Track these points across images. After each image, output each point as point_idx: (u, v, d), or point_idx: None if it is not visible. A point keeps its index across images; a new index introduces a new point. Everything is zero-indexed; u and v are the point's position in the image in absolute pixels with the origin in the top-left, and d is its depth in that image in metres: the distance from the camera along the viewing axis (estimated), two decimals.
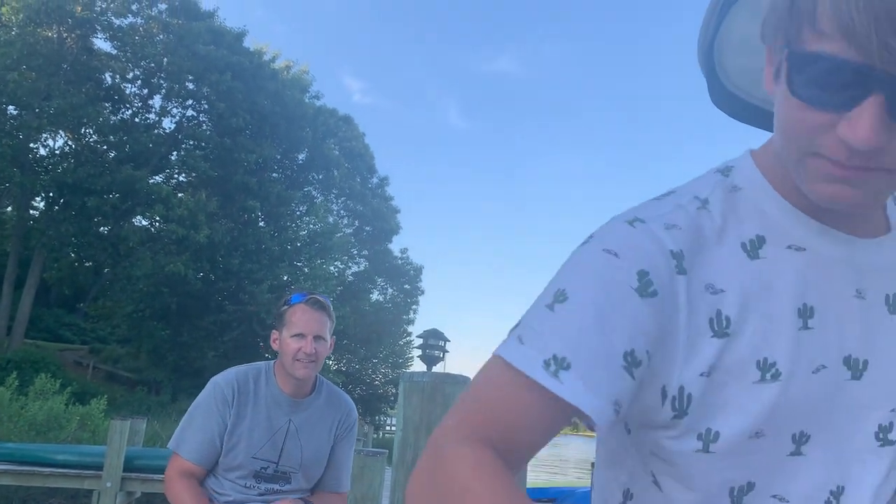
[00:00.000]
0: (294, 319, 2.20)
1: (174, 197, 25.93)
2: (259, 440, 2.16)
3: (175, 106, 28.91)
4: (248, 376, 2.20)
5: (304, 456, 2.23)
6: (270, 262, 26.30)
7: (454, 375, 3.59)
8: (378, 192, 35.69)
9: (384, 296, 37.84)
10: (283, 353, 2.19)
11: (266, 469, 2.17)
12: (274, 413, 2.20)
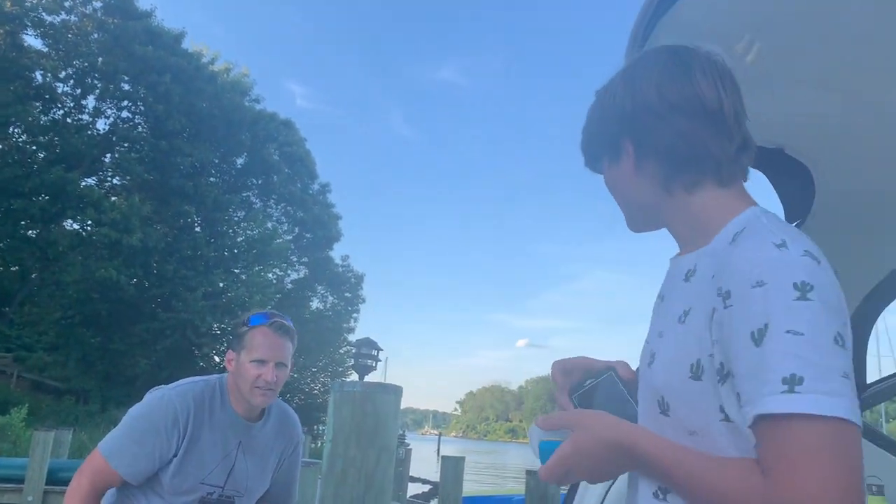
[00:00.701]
0: (255, 343, 2.09)
1: (107, 200, 25.23)
2: (210, 464, 2.07)
3: (109, 107, 28.18)
4: (205, 397, 2.08)
5: (249, 480, 2.18)
6: (206, 269, 25.81)
7: (386, 385, 3.55)
8: (319, 198, 35.40)
9: (324, 304, 37.54)
10: (241, 378, 2.08)
11: (212, 494, 2.10)
12: (226, 435, 2.11)
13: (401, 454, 18.80)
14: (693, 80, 1.06)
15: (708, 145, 1.05)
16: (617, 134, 1.09)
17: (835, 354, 0.83)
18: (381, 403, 3.58)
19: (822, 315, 0.84)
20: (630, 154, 1.08)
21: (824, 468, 0.79)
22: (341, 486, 3.51)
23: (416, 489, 24.13)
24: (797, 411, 0.80)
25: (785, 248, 0.90)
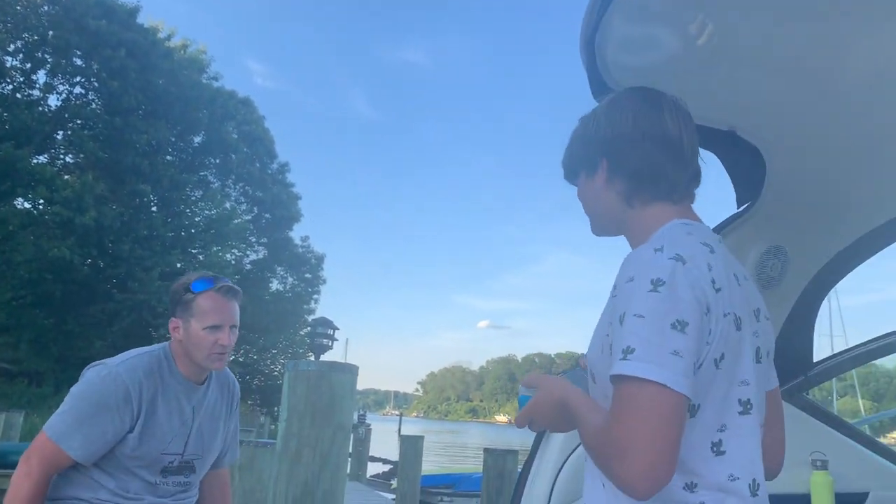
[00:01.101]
0: (205, 309, 2.07)
1: (59, 178, 24.59)
2: (169, 434, 2.06)
3: (61, 82, 27.35)
4: (153, 368, 2.06)
5: (205, 442, 2.18)
6: (163, 249, 25.38)
7: (341, 364, 3.58)
8: (278, 178, 34.94)
9: (284, 285, 37.22)
10: (195, 346, 2.07)
11: (172, 462, 2.09)
12: (180, 403, 2.10)
13: (361, 434, 18.87)
14: (661, 117, 1.31)
15: (667, 170, 1.29)
16: (595, 154, 1.35)
17: (668, 336, 1.05)
18: (336, 383, 3.61)
19: (664, 305, 1.06)
20: (604, 171, 1.34)
21: (635, 420, 1.02)
22: (296, 464, 3.54)
23: (377, 469, 24.25)
24: (625, 373, 1.04)
25: (659, 252, 1.12)
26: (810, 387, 3.01)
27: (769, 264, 2.60)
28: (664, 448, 1.01)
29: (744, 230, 2.52)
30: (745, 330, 1.17)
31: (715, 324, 1.10)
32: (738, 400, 1.15)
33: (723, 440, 1.14)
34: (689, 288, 1.08)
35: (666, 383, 1.02)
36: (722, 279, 1.14)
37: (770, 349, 1.37)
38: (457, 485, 17.25)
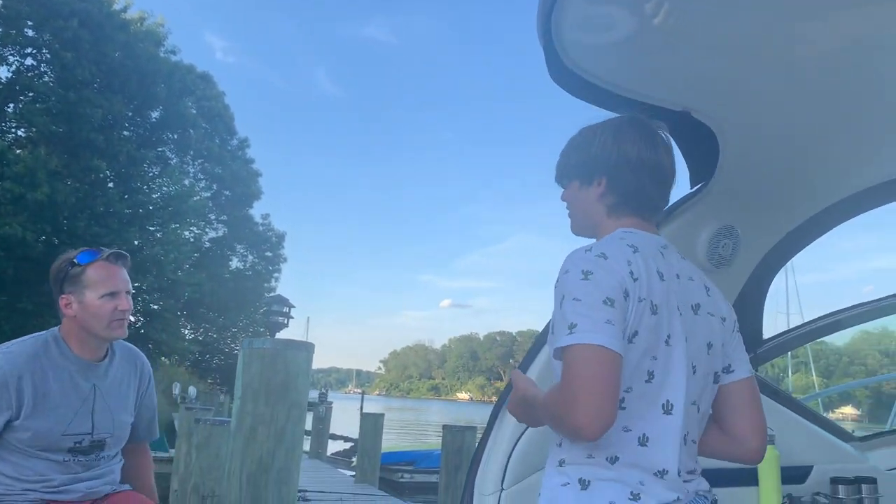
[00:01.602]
0: (99, 279, 2.08)
1: (10, 153, 23.86)
2: (67, 415, 2.04)
3: (11, 54, 26.43)
4: (38, 352, 2.05)
5: (115, 419, 2.17)
6: (120, 227, 24.85)
7: (296, 342, 3.57)
8: (238, 154, 34.42)
9: (244, 263, 36.83)
10: (93, 317, 2.07)
11: (81, 442, 2.07)
12: (76, 382, 2.08)
13: (322, 412, 18.84)
14: (658, 151, 1.58)
15: (653, 194, 1.60)
16: (597, 171, 1.59)
17: (601, 310, 1.33)
18: (291, 360, 3.59)
19: (595, 288, 1.35)
20: (602, 187, 1.59)
21: (581, 376, 1.28)
22: (251, 442, 3.53)
23: (338, 447, 24.29)
24: (570, 343, 1.31)
25: (588, 251, 1.43)
26: (760, 363, 3.09)
27: (721, 244, 2.64)
28: (607, 395, 1.27)
29: (697, 210, 2.55)
30: (663, 315, 1.42)
31: (631, 305, 1.38)
32: (646, 370, 1.41)
33: (626, 398, 1.40)
34: (610, 275, 1.38)
35: (603, 344, 1.29)
36: (640, 272, 1.41)
37: (722, 341, 1.58)
38: (417, 462, 17.37)
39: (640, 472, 1.39)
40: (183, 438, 7.46)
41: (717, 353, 1.55)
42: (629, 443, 1.40)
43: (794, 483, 2.85)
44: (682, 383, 1.43)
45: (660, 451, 1.40)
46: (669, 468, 1.40)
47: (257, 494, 3.29)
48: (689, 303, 1.51)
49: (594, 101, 2.12)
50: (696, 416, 1.50)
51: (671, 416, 1.41)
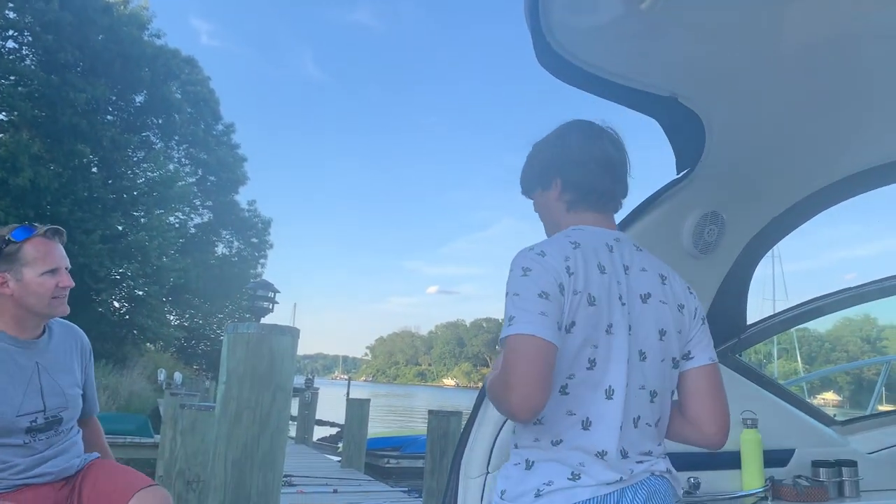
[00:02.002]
0: (37, 256, 2.02)
1: None
2: (15, 397, 2.00)
3: None
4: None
5: (66, 393, 2.13)
6: (104, 212, 24.65)
7: (282, 327, 3.55)
8: (223, 139, 34.16)
9: (230, 249, 36.69)
10: (33, 295, 2.01)
11: (35, 421, 2.03)
12: (18, 363, 2.04)
13: (308, 398, 18.84)
14: (604, 144, 1.69)
15: (605, 187, 1.69)
16: (551, 174, 1.72)
17: (536, 303, 1.44)
18: (276, 345, 3.58)
19: (531, 283, 1.47)
20: (557, 186, 1.71)
21: (516, 363, 1.40)
22: (236, 426, 3.52)
23: (324, 432, 24.32)
24: (507, 334, 1.44)
25: (531, 250, 1.55)
26: (743, 348, 3.11)
27: (706, 230, 2.65)
28: (538, 381, 1.38)
29: (683, 196, 2.56)
30: (602, 306, 1.51)
31: (567, 298, 1.48)
32: (587, 358, 1.50)
33: (569, 385, 1.50)
34: (546, 271, 1.49)
35: (536, 334, 1.41)
36: (577, 267, 1.51)
37: (678, 328, 1.63)
38: (403, 447, 17.42)
39: (582, 454, 1.48)
40: (168, 424, 7.42)
41: (672, 340, 1.61)
42: (573, 426, 1.50)
43: (776, 466, 2.88)
44: (622, 370, 1.51)
45: (601, 434, 1.49)
46: (609, 449, 1.48)
47: (242, 479, 3.29)
48: (638, 293, 1.59)
49: (581, 85, 2.11)
50: (649, 399, 1.57)
51: (612, 401, 1.50)
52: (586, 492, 1.45)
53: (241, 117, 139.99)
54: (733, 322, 3.04)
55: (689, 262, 2.72)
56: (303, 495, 9.17)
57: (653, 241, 2.61)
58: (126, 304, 27.87)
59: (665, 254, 2.67)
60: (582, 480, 1.46)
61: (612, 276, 1.56)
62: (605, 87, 2.08)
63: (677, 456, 2.73)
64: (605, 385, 1.50)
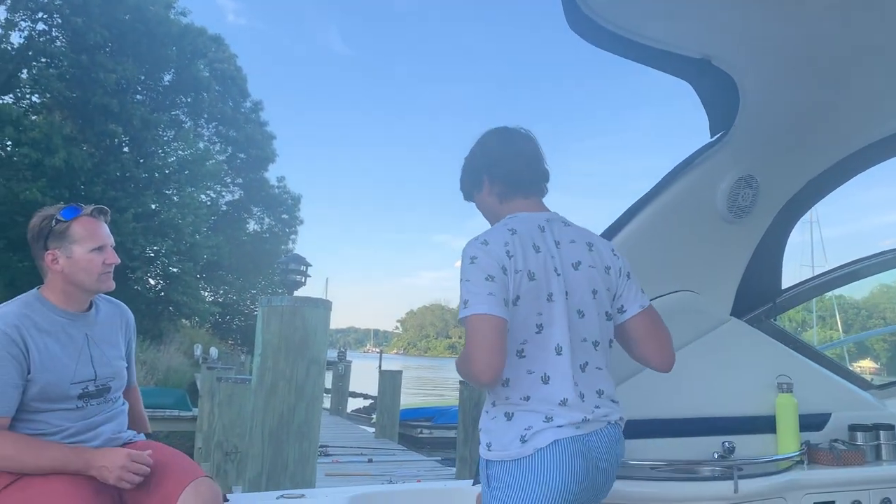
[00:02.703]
0: (86, 234, 2.12)
1: (26, 119, 23.93)
2: (69, 365, 2.08)
3: (23, 19, 26.34)
4: (23, 311, 2.07)
5: (112, 363, 2.22)
6: (136, 191, 24.99)
7: (314, 299, 3.59)
8: (252, 117, 34.30)
9: (261, 226, 36.99)
10: (83, 270, 2.11)
11: (87, 388, 2.12)
12: (69, 333, 2.12)
13: (341, 370, 19.07)
14: (515, 141, 2.02)
15: (525, 175, 2.00)
16: (480, 174, 2.04)
17: (484, 285, 1.73)
18: (309, 317, 3.62)
19: (478, 269, 1.76)
20: (486, 183, 2.03)
21: (474, 338, 1.69)
22: (272, 397, 3.58)
23: (358, 404, 24.62)
24: (464, 315, 1.72)
25: (475, 240, 1.84)
26: (778, 313, 3.08)
27: (741, 193, 2.61)
28: (494, 349, 1.68)
29: (716, 160, 2.52)
30: (541, 280, 1.81)
31: (510, 277, 1.77)
32: (535, 324, 1.80)
33: (524, 349, 1.80)
34: (490, 257, 1.78)
35: (487, 312, 1.70)
36: (516, 250, 1.80)
37: (606, 286, 1.94)
38: (435, 417, 17.59)
39: (548, 405, 1.78)
40: (206, 397, 7.59)
41: (603, 297, 1.93)
42: (535, 382, 1.80)
43: (812, 430, 2.87)
44: (565, 329, 1.82)
45: (558, 385, 1.79)
46: (568, 397, 1.78)
47: (279, 449, 3.35)
48: (570, 262, 1.89)
49: (613, 49, 2.08)
50: (593, 349, 1.89)
51: (562, 356, 1.81)
52: (562, 431, 1.75)
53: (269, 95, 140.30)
54: (768, 286, 3.01)
55: (723, 226, 2.69)
56: (338, 464, 9.32)
57: (686, 206, 2.59)
58: (161, 281, 28.30)
59: (698, 218, 2.64)
60: (554, 421, 1.76)
61: (546, 253, 1.85)
62: (638, 50, 2.05)
63: (712, 420, 2.73)
64: (554, 344, 1.81)
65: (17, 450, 1.92)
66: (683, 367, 2.73)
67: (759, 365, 2.87)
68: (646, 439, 2.62)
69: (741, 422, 2.77)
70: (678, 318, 2.70)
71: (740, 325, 2.90)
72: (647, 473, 2.43)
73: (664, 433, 2.66)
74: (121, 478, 1.95)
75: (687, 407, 2.72)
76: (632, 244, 2.55)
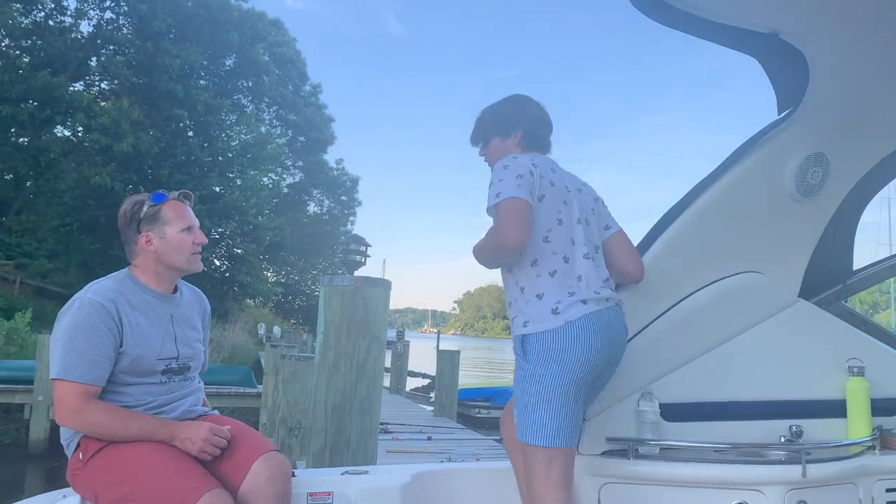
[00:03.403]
0: (176, 215, 2.24)
1: (96, 105, 24.73)
2: (157, 341, 2.18)
3: (91, 8, 27.18)
4: (118, 288, 2.17)
5: (193, 344, 2.32)
6: (201, 174, 25.61)
7: (374, 279, 3.64)
8: (311, 100, 34.73)
9: (321, 207, 37.60)
10: (175, 250, 2.22)
11: (171, 365, 2.22)
12: (157, 312, 2.23)
13: (399, 350, 19.28)
14: (543, 110, 2.54)
15: (545, 138, 2.52)
16: (514, 124, 2.48)
17: (516, 181, 2.20)
18: (370, 296, 3.68)
19: (510, 172, 2.22)
20: (518, 136, 2.48)
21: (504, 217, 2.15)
22: (334, 374, 3.65)
23: (417, 383, 24.89)
24: (498, 200, 2.20)
25: (506, 157, 2.34)
26: (849, 294, 2.98)
27: (810, 172, 2.54)
28: (523, 223, 2.14)
29: (784, 137, 2.45)
30: (560, 188, 2.33)
31: (536, 179, 2.25)
32: (556, 218, 2.27)
33: (548, 235, 2.28)
34: (520, 165, 2.26)
35: (519, 196, 2.17)
36: (538, 166, 2.29)
37: (595, 209, 2.46)
38: (493, 397, 17.66)
39: (570, 279, 2.24)
40: (270, 374, 7.77)
41: (596, 215, 2.46)
42: (559, 261, 2.25)
43: (884, 415, 2.78)
44: (578, 227, 2.33)
45: (576, 264, 2.27)
46: (583, 274, 2.26)
47: (342, 424, 3.42)
48: (575, 187, 2.42)
49: (678, 25, 2.04)
50: (595, 250, 2.37)
51: (575, 246, 2.30)
52: (587, 307, 2.18)
53: (327, 77, 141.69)
54: (838, 267, 2.92)
55: (791, 205, 2.62)
56: (398, 441, 9.46)
57: (753, 185, 2.53)
58: (226, 262, 29.03)
59: (766, 197, 2.58)
60: (576, 296, 2.20)
61: (560, 177, 2.38)
62: (704, 26, 2.01)
63: (779, 404, 2.68)
64: (570, 235, 2.31)
65: (109, 418, 2.03)
66: (750, 349, 2.68)
67: (828, 347, 2.79)
68: (711, 422, 2.59)
69: (809, 405, 2.71)
70: (744, 299, 2.65)
71: (809, 307, 2.83)
72: (711, 456, 2.41)
73: (729, 416, 2.62)
74: (202, 449, 2.04)
75: (753, 389, 2.67)
76: (697, 224, 2.50)
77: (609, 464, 2.44)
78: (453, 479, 2.52)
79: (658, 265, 2.51)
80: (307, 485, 2.24)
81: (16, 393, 11.67)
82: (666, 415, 2.52)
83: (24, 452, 11.28)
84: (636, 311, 2.50)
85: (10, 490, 9.11)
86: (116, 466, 1.99)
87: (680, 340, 2.56)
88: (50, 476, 10.09)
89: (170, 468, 1.97)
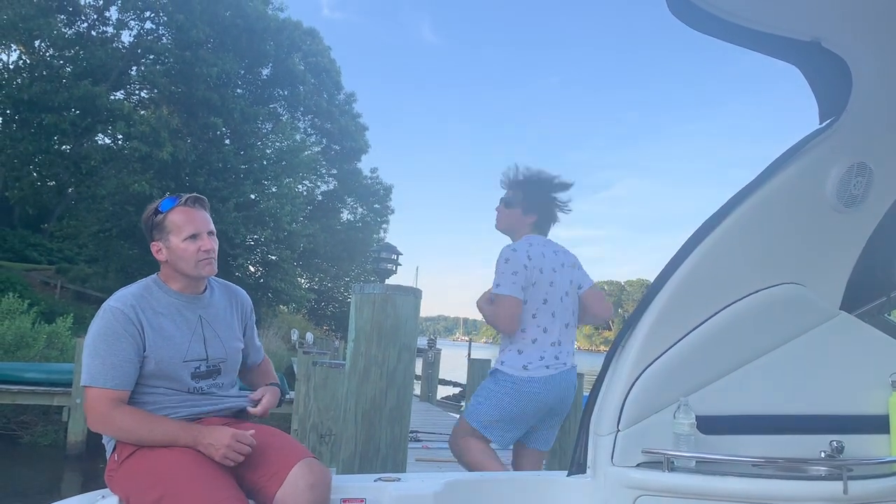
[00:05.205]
0: (180, 223, 2.21)
1: (136, 114, 25.24)
2: (182, 344, 2.19)
3: (132, 18, 27.80)
4: (142, 293, 2.19)
5: (225, 344, 2.31)
6: (237, 181, 25.95)
7: (405, 287, 3.65)
8: (345, 108, 35.01)
9: (354, 215, 37.81)
10: (181, 260, 2.20)
11: (199, 368, 2.22)
12: (184, 315, 2.23)
13: (430, 358, 19.28)
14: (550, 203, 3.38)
15: (551, 224, 3.42)
16: (534, 210, 3.32)
17: (511, 277, 3.13)
18: (400, 305, 3.67)
19: (509, 266, 3.14)
20: (533, 218, 3.33)
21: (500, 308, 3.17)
22: (364, 383, 3.65)
23: (447, 391, 24.84)
24: (496, 293, 3.19)
25: (508, 246, 3.21)
26: (892, 308, 2.90)
27: (853, 182, 2.49)
28: (514, 317, 3.13)
29: (826, 147, 2.40)
30: (547, 275, 3.17)
31: (529, 272, 3.11)
32: (542, 299, 3.18)
33: (536, 313, 3.16)
34: (516, 261, 3.12)
35: (510, 294, 3.11)
36: (534, 255, 3.15)
37: (572, 278, 3.32)
38: None
39: (545, 346, 3.17)
40: (302, 381, 7.79)
41: (574, 285, 3.31)
42: (539, 332, 3.16)
43: None
44: (559, 303, 3.21)
45: (553, 334, 3.19)
46: (557, 341, 3.20)
47: (372, 432, 3.42)
48: (560, 264, 3.24)
49: (716, 33, 2.01)
50: (572, 317, 3.30)
51: (555, 319, 3.20)
52: (548, 371, 3.14)
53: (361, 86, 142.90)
54: (882, 279, 2.84)
55: (832, 216, 2.56)
56: (428, 450, 9.44)
57: (793, 195, 2.47)
58: (261, 268, 29.35)
59: (806, 208, 2.52)
60: (544, 361, 3.15)
61: (550, 258, 3.20)
62: (743, 34, 1.97)
63: (819, 418, 2.61)
64: (552, 311, 3.19)
65: (135, 422, 2.06)
66: (790, 362, 2.62)
67: (870, 361, 2.72)
68: (748, 435, 2.53)
69: (851, 420, 2.64)
70: (784, 310, 2.59)
71: (850, 320, 2.76)
72: (748, 470, 2.35)
73: (768, 429, 2.56)
74: (225, 456, 2.03)
75: (793, 403, 2.61)
76: (736, 233, 2.46)
77: (644, 476, 2.40)
78: (485, 488, 2.50)
79: (697, 275, 2.47)
80: (340, 490, 2.24)
81: (54, 395, 11.89)
82: (702, 427, 2.47)
83: (62, 454, 11.48)
84: (672, 321, 2.46)
85: (48, 491, 9.27)
86: (147, 470, 2.01)
87: (718, 351, 2.52)
88: (87, 478, 10.25)
89: (197, 474, 1.97)
